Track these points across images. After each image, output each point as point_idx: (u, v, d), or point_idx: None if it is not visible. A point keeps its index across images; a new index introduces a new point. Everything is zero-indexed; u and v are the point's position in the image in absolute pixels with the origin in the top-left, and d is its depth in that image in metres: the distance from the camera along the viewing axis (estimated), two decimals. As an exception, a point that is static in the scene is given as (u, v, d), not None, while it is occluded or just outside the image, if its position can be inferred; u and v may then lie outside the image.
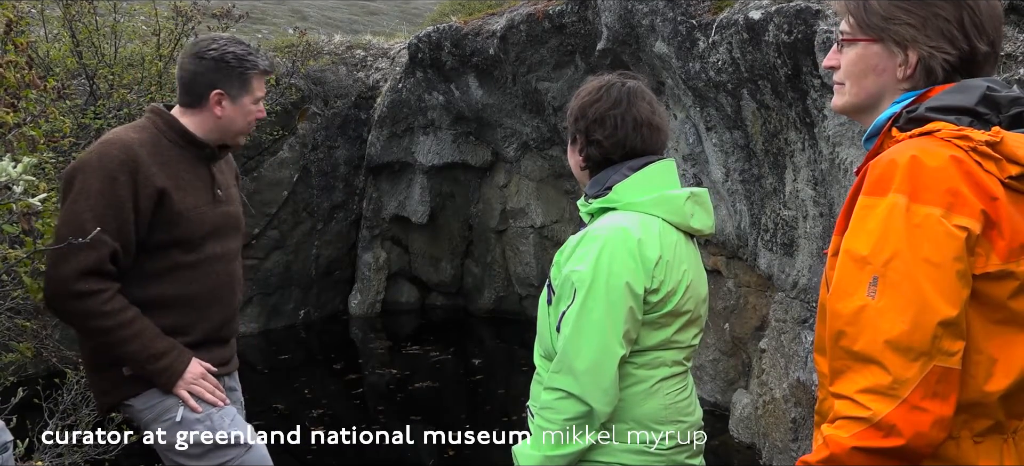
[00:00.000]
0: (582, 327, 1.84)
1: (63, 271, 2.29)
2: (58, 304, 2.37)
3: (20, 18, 3.12)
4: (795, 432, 4.41)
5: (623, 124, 1.96)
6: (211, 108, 2.50)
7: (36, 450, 3.00)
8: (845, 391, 1.20)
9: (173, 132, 2.49)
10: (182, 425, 2.43)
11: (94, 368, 2.50)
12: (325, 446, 5.16)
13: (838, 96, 1.43)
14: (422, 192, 7.76)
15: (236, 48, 2.52)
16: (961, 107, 1.27)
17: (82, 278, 2.29)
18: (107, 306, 2.32)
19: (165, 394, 2.43)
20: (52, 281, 2.33)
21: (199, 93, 2.49)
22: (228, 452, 2.46)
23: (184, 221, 2.43)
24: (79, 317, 2.36)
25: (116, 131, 2.47)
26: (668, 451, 1.96)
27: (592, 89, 2.02)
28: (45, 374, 4.40)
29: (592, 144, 1.98)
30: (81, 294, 2.30)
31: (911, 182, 1.20)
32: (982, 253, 1.20)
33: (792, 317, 4.52)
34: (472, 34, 6.73)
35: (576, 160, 2.06)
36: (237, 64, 2.49)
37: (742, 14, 4.29)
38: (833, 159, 4.03)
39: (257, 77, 2.54)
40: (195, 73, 2.48)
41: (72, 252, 2.26)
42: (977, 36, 1.31)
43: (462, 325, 7.93)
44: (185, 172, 2.48)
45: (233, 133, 2.56)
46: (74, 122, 4.78)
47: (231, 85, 2.50)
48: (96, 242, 2.25)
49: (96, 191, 2.30)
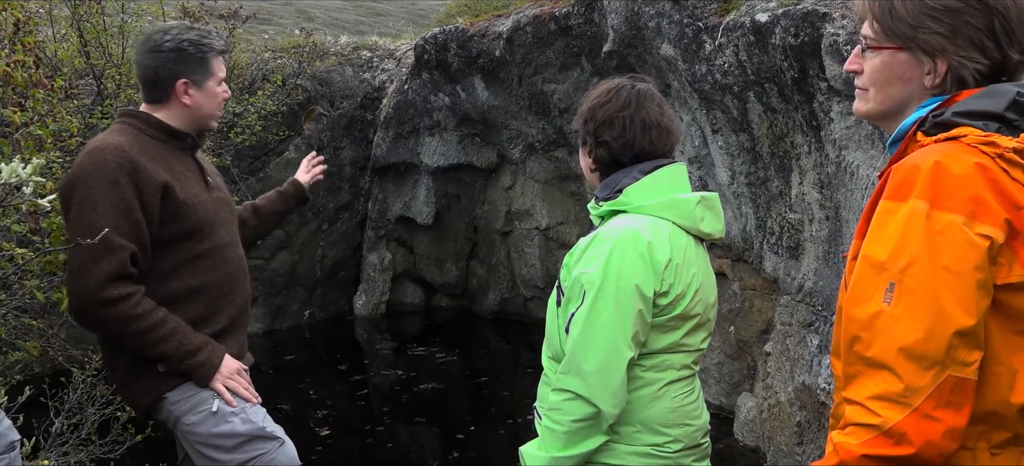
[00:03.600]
0: (591, 329, 1.84)
1: (89, 281, 2.27)
2: (89, 315, 2.33)
3: (28, 18, 3.12)
4: (800, 436, 4.40)
5: (632, 126, 1.96)
6: (179, 99, 2.49)
7: (42, 448, 3.01)
8: (857, 397, 1.19)
9: (152, 128, 2.48)
10: (218, 416, 2.42)
11: (127, 377, 2.47)
12: (331, 446, 5.18)
13: (861, 102, 1.40)
14: (427, 193, 7.77)
15: (190, 34, 2.52)
16: (989, 112, 1.23)
17: (109, 285, 2.28)
18: (138, 309, 2.32)
19: (201, 388, 2.42)
20: (79, 294, 2.30)
21: (165, 86, 2.48)
22: (263, 445, 2.46)
23: (191, 211, 2.43)
24: (114, 323, 2.33)
25: (99, 139, 2.44)
26: (675, 454, 1.96)
27: (602, 91, 2.02)
28: (51, 373, 4.40)
29: (601, 146, 1.99)
30: (110, 300, 2.28)
31: (933, 188, 1.17)
32: (1005, 263, 1.17)
33: (797, 320, 4.51)
34: (478, 36, 6.73)
35: (586, 161, 2.06)
36: (195, 50, 2.49)
37: (749, 17, 4.29)
38: (839, 162, 4.02)
39: (215, 58, 2.55)
40: (156, 68, 2.47)
41: (94, 261, 2.25)
42: (1008, 44, 1.27)
43: (467, 326, 7.92)
44: (176, 164, 2.48)
45: (204, 118, 2.57)
46: (81, 122, 4.78)
47: (194, 72, 2.49)
48: (116, 247, 2.26)
49: (102, 198, 2.29)
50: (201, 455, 2.44)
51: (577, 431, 1.87)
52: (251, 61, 7.35)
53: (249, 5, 7.46)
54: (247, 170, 7.14)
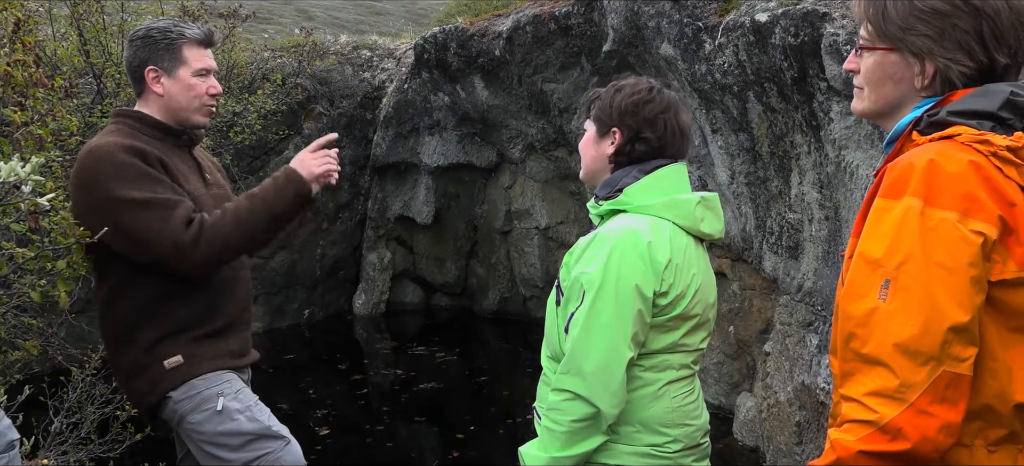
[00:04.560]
0: (591, 329, 1.83)
1: (169, 238, 2.28)
2: (186, 264, 2.33)
3: (28, 17, 3.12)
4: (799, 435, 4.40)
5: (670, 129, 1.98)
6: (151, 88, 2.48)
7: (42, 447, 3.01)
8: (853, 393, 1.20)
9: (146, 125, 2.48)
10: (223, 414, 2.40)
11: (130, 373, 2.46)
12: (330, 445, 5.18)
13: (858, 101, 1.43)
14: (427, 193, 7.77)
15: (161, 23, 2.52)
16: (983, 112, 1.25)
17: (186, 229, 2.30)
18: (219, 222, 2.35)
19: (210, 375, 2.42)
20: (171, 254, 2.30)
21: (138, 76, 2.49)
22: (269, 443, 2.43)
23: (195, 204, 2.43)
24: (216, 248, 2.34)
25: (94, 140, 2.44)
26: (675, 454, 1.96)
27: (640, 89, 2.01)
28: (50, 372, 4.41)
29: (640, 141, 1.98)
30: (195, 239, 2.30)
31: (927, 186, 1.19)
32: (999, 259, 1.18)
33: (797, 320, 4.51)
34: (478, 35, 6.73)
35: (605, 152, 2.03)
36: (161, 36, 2.47)
37: (749, 17, 4.29)
38: (839, 162, 4.02)
39: (189, 46, 2.49)
40: (129, 59, 2.49)
41: (161, 220, 2.28)
42: (996, 48, 1.28)
43: (466, 326, 7.93)
44: (175, 159, 2.48)
45: (181, 111, 2.51)
46: (81, 121, 4.79)
47: (161, 59, 2.47)
48: (172, 201, 2.29)
49: (126, 177, 2.30)
50: (206, 454, 2.42)
51: (576, 431, 1.87)
52: (251, 60, 7.35)
53: (249, 4, 7.46)
54: (247, 169, 7.14)
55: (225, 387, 2.45)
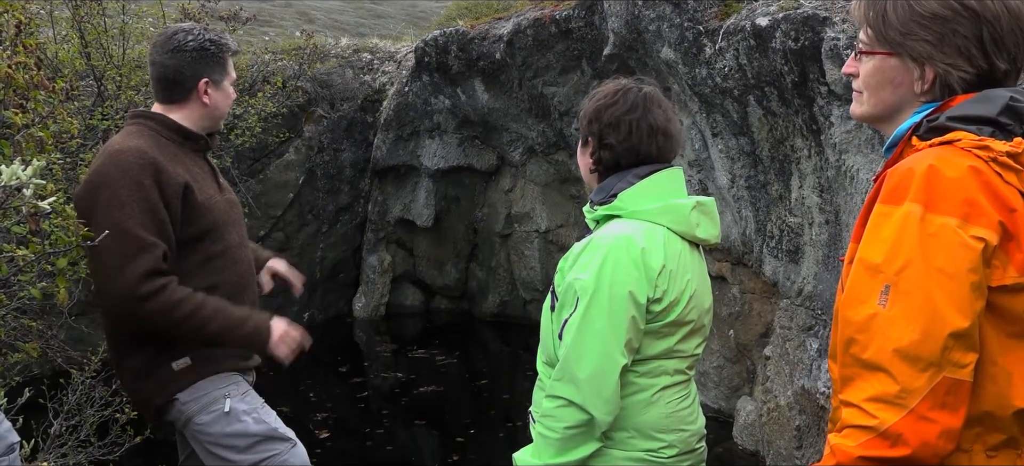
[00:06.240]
0: (584, 336, 1.83)
1: (126, 280, 2.26)
2: (128, 312, 2.32)
3: (29, 19, 3.13)
4: (799, 440, 4.40)
5: (638, 130, 1.95)
6: (199, 98, 2.51)
7: (41, 450, 3.01)
8: (853, 399, 1.20)
9: (169, 130, 2.49)
10: (230, 416, 2.42)
11: (138, 376, 2.47)
12: (330, 448, 5.17)
13: (857, 104, 1.42)
14: (427, 195, 7.77)
15: (209, 34, 2.55)
16: (983, 117, 1.25)
17: (146, 280, 2.28)
18: (178, 295, 2.32)
19: (217, 377, 2.43)
20: (116, 293, 2.29)
21: (186, 86, 2.50)
22: (275, 445, 2.46)
23: (207, 212, 2.45)
24: (158, 316, 2.31)
25: (118, 140, 2.45)
26: (669, 459, 1.96)
27: (608, 92, 2.00)
28: (50, 374, 4.41)
29: (605, 148, 1.97)
30: (149, 294, 2.28)
31: (927, 191, 1.19)
32: (999, 265, 1.18)
33: (797, 324, 4.51)
34: (478, 38, 6.74)
35: (586, 162, 2.04)
36: (216, 50, 2.53)
37: (749, 21, 4.29)
38: (839, 166, 4.02)
39: (230, 58, 2.61)
40: (178, 67, 2.49)
41: (128, 260, 2.25)
42: (996, 53, 1.28)
43: (466, 329, 7.92)
44: (192, 166, 2.49)
45: (220, 118, 2.61)
46: (82, 123, 4.79)
47: (214, 71, 2.53)
48: (149, 245, 2.27)
49: (128, 199, 2.29)
50: (213, 455, 2.44)
51: (570, 438, 1.86)
52: (251, 63, 7.36)
53: (249, 7, 7.46)
54: (247, 172, 7.14)
55: (232, 389, 2.46)
